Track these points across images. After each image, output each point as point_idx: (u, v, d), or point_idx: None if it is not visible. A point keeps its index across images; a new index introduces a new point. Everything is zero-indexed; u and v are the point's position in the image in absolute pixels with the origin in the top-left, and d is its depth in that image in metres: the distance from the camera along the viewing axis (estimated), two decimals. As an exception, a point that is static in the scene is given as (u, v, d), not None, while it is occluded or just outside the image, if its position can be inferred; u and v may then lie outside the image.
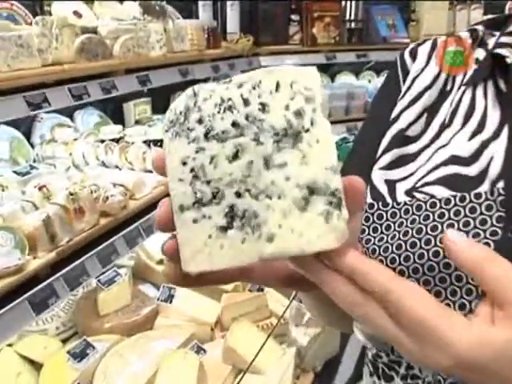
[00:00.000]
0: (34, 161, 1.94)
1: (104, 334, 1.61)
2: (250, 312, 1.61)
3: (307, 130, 0.34)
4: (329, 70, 3.52)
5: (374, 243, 0.57)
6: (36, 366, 1.52)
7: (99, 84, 1.64)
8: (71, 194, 1.36)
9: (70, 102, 1.51)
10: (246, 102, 0.35)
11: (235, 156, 0.34)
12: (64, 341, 1.71)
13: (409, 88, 0.63)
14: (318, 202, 0.33)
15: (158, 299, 1.66)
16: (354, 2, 3.12)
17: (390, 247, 0.55)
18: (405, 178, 0.59)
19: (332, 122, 0.35)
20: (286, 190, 0.33)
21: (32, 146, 2.00)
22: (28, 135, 2.03)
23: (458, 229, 0.51)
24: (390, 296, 0.36)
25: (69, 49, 1.57)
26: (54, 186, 1.45)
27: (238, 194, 0.34)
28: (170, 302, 1.65)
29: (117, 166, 1.79)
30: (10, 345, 1.55)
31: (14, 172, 1.64)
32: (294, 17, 2.95)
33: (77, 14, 2.03)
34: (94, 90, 1.60)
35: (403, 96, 0.63)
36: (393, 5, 3.36)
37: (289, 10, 2.93)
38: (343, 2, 3.11)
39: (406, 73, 0.64)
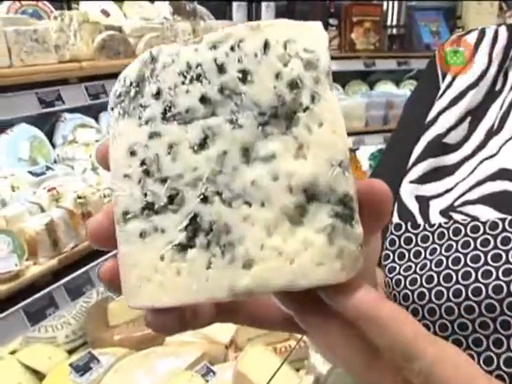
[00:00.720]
0: (55, 161, 1.89)
1: (112, 347, 1.53)
2: (267, 333, 1.50)
3: (306, 109, 0.25)
4: (367, 78, 3.38)
5: (398, 272, 0.48)
6: (39, 375, 1.45)
7: (119, 83, 1.56)
8: (79, 198, 1.28)
9: (86, 100, 1.44)
10: (221, 69, 0.26)
11: (203, 144, 0.25)
12: (73, 350, 1.64)
13: (449, 86, 0.53)
14: (320, 213, 0.24)
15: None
16: (396, 7, 2.98)
17: (419, 279, 0.46)
18: (441, 195, 0.49)
19: (369, 132, 0.24)
20: (272, 195, 0.24)
21: (54, 146, 1.96)
22: (51, 135, 1.98)
23: (507, 261, 0.41)
24: (418, 362, 0.24)
25: (88, 46, 1.50)
26: (65, 189, 1.38)
27: (205, 199, 0.25)
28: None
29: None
30: (13, 352, 1.49)
31: (29, 172, 1.59)
32: (332, 21, 2.84)
33: (105, 12, 1.99)
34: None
35: (442, 95, 0.53)
36: (437, 10, 3.20)
37: (327, 13, 2.83)
38: (385, 7, 2.98)
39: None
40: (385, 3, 3.00)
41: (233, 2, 2.47)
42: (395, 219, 0.51)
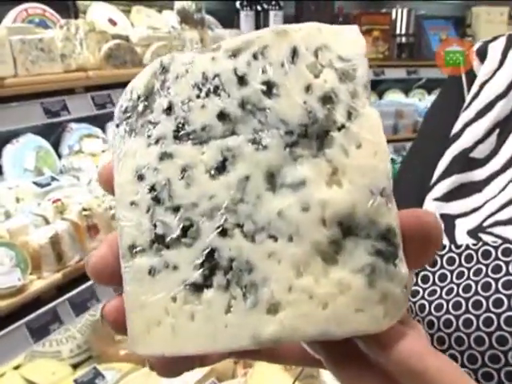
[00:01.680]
0: (61, 172, 1.86)
1: (118, 362, 1.49)
2: (277, 348, 1.46)
3: (342, 127, 0.22)
4: (377, 87, 3.35)
5: (422, 297, 0.45)
6: (43, 392, 1.42)
7: (126, 93, 1.54)
8: (85, 210, 1.25)
9: (93, 110, 1.42)
10: (243, 81, 0.22)
11: (221, 168, 0.22)
12: (78, 364, 1.60)
13: (476, 96, 0.49)
14: (358, 250, 0.21)
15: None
16: (405, 16, 2.95)
17: (445, 305, 0.43)
18: (468, 214, 0.46)
19: None
20: (302, 228, 0.21)
21: (60, 156, 1.94)
22: (57, 145, 1.96)
23: None
24: None
25: (94, 55, 1.48)
26: (71, 200, 1.35)
27: (223, 232, 0.22)
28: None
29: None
30: (17, 367, 1.45)
31: (34, 183, 1.56)
32: (340, 30, 2.81)
33: (112, 21, 1.98)
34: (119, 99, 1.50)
35: (468, 106, 0.49)
36: (447, 19, 3.18)
37: (335, 22, 2.80)
38: (394, 15, 2.95)
39: (472, 77, 0.51)
40: (394, 12, 2.97)
41: (240, 11, 2.45)
42: None
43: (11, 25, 1.52)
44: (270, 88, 0.22)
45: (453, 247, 0.45)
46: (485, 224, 0.44)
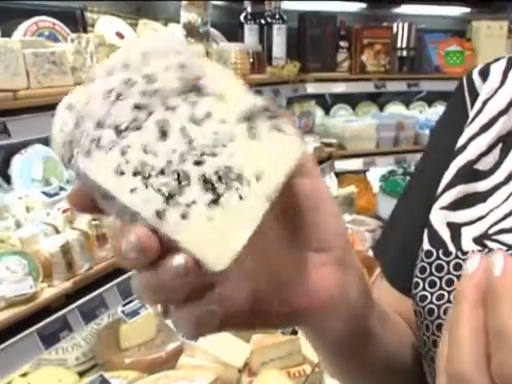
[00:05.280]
0: (67, 182, 1.89)
1: (124, 370, 1.51)
2: (282, 357, 1.47)
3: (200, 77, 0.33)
4: (378, 99, 3.39)
5: (431, 301, 0.47)
6: (49, 400, 1.43)
7: (134, 105, 1.57)
8: (94, 220, 1.28)
9: (101, 122, 1.44)
10: (129, 83, 0.32)
11: (164, 133, 0.31)
12: (83, 372, 1.62)
13: (479, 112, 0.52)
14: (262, 123, 0.32)
15: (182, 336, 1.55)
16: (406, 29, 2.99)
17: None
18: (473, 222, 0.48)
19: (379, 154, 0.24)
20: (231, 132, 0.31)
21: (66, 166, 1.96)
22: (64, 156, 1.98)
23: None
24: None
25: (104, 68, 1.51)
26: (79, 210, 1.37)
27: (198, 163, 0.30)
28: (196, 339, 1.53)
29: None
30: (24, 374, 1.47)
31: (43, 193, 1.59)
32: (342, 43, 2.85)
33: (119, 34, 2.01)
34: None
35: (472, 121, 0.52)
36: (447, 33, 3.21)
37: (337, 36, 2.84)
38: (395, 29, 2.99)
39: (474, 95, 0.54)
40: (395, 26, 3.01)
41: (244, 25, 2.48)
42: (426, 246, 0.50)
43: (24, 38, 1.55)
44: (149, 79, 0.32)
45: (459, 254, 0.47)
46: (490, 232, 0.46)
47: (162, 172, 0.29)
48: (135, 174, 0.29)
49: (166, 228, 0.28)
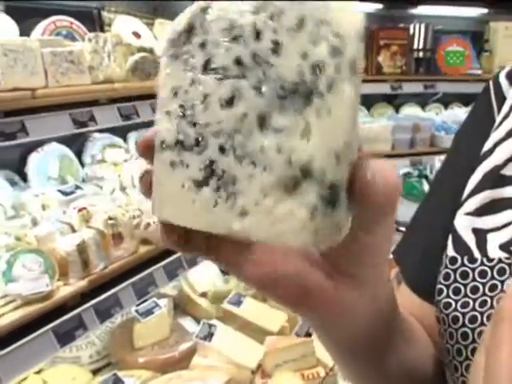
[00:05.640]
0: (83, 181, 1.89)
1: (137, 370, 1.51)
2: (296, 359, 1.46)
3: (321, 95, 0.27)
4: (394, 101, 3.36)
5: (455, 309, 0.46)
6: (63, 397, 1.44)
7: (150, 104, 1.57)
8: (110, 219, 1.28)
9: (118, 121, 1.45)
10: (258, 36, 0.28)
11: (230, 102, 0.28)
12: (97, 370, 1.62)
13: (506, 117, 0.51)
14: (309, 191, 0.27)
15: (196, 336, 1.55)
16: (422, 31, 2.96)
17: (479, 317, 0.44)
18: (499, 228, 0.47)
19: (395, 156, 0.23)
20: (274, 163, 0.27)
21: (82, 165, 1.97)
22: (80, 154, 1.99)
23: None
24: None
25: (121, 67, 1.52)
26: (95, 209, 1.38)
27: (222, 149, 0.28)
28: (210, 340, 1.53)
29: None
30: (38, 371, 1.48)
31: (59, 191, 1.59)
32: (358, 44, 2.83)
33: (136, 34, 2.02)
34: (144, 111, 1.53)
35: (499, 126, 0.51)
36: (464, 34, 3.18)
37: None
38: (411, 30, 2.97)
39: (501, 99, 0.53)
40: (411, 27, 2.99)
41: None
42: (450, 252, 0.49)
43: (42, 37, 1.56)
44: (276, 47, 0.27)
45: (485, 260, 0.46)
46: None
47: (195, 124, 0.29)
48: (181, 105, 0.29)
49: None
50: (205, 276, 1.87)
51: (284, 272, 0.33)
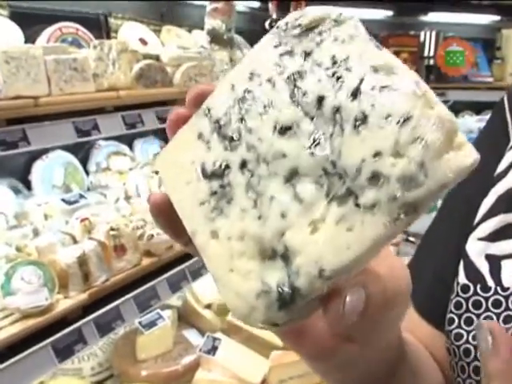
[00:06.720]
0: (88, 189, 1.87)
1: (140, 383, 1.48)
2: (301, 375, 1.43)
3: (357, 205, 0.24)
4: (403, 109, 3.32)
5: (467, 341, 0.43)
6: (64, 410, 1.41)
7: (155, 112, 1.54)
8: (112, 230, 1.25)
9: (122, 130, 1.42)
10: (355, 96, 0.24)
11: (282, 131, 0.25)
12: (99, 383, 1.59)
13: None
14: (277, 273, 0.24)
15: (200, 350, 1.51)
16: (433, 38, 2.93)
17: None
18: None
19: None
20: (268, 222, 0.25)
21: (87, 172, 1.95)
22: (85, 161, 1.97)
23: None
24: None
25: (126, 75, 1.49)
26: (98, 219, 1.35)
27: (243, 165, 0.26)
28: (213, 354, 1.49)
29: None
30: (40, 383, 1.45)
31: (63, 200, 1.57)
32: (368, 51, 2.80)
33: (142, 41, 2.00)
34: (149, 119, 1.50)
35: None
36: (476, 41, 3.14)
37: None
38: (422, 38, 2.93)
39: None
40: (422, 34, 2.96)
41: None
42: (462, 279, 0.46)
43: (46, 44, 1.54)
44: (363, 119, 0.24)
45: (499, 289, 0.43)
46: None
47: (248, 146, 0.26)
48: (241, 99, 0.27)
49: None
50: (210, 287, 1.84)
51: None
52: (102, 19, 2.00)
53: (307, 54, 0.26)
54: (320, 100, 0.25)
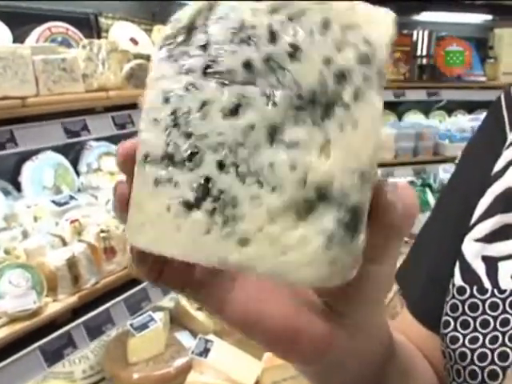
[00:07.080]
0: (79, 190, 1.85)
1: (131, 386, 1.47)
2: (294, 376, 1.42)
3: (345, 106, 0.23)
4: (397, 108, 3.32)
5: (463, 344, 0.43)
6: (55, 414, 1.40)
7: (146, 113, 1.53)
8: (102, 232, 1.24)
9: (112, 130, 1.41)
10: (273, 38, 0.24)
11: (234, 111, 0.24)
12: (91, 386, 1.58)
13: None
14: (326, 215, 0.23)
15: (192, 352, 1.50)
16: (426, 37, 2.92)
17: (490, 355, 0.41)
18: None
19: (398, 164, 0.20)
20: (285, 183, 0.24)
21: (78, 173, 1.93)
22: (76, 162, 1.95)
23: None
24: None
25: (116, 75, 1.48)
26: (88, 220, 1.33)
27: (221, 166, 0.24)
28: (206, 356, 1.48)
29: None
30: (31, 388, 1.43)
31: (53, 202, 1.55)
32: (361, 51, 2.80)
33: (133, 40, 1.98)
34: (140, 119, 1.49)
35: (511, 145, 0.46)
36: (468, 41, 3.14)
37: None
38: (415, 37, 2.93)
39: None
40: (415, 33, 2.95)
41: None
42: (458, 281, 0.45)
43: (35, 44, 1.53)
44: (294, 51, 0.24)
45: (496, 292, 0.43)
46: None
47: (190, 136, 0.25)
48: (173, 112, 0.26)
49: None
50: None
51: (270, 312, 0.28)
52: (93, 19, 1.98)
53: (203, 46, 0.25)
54: (247, 64, 0.24)
